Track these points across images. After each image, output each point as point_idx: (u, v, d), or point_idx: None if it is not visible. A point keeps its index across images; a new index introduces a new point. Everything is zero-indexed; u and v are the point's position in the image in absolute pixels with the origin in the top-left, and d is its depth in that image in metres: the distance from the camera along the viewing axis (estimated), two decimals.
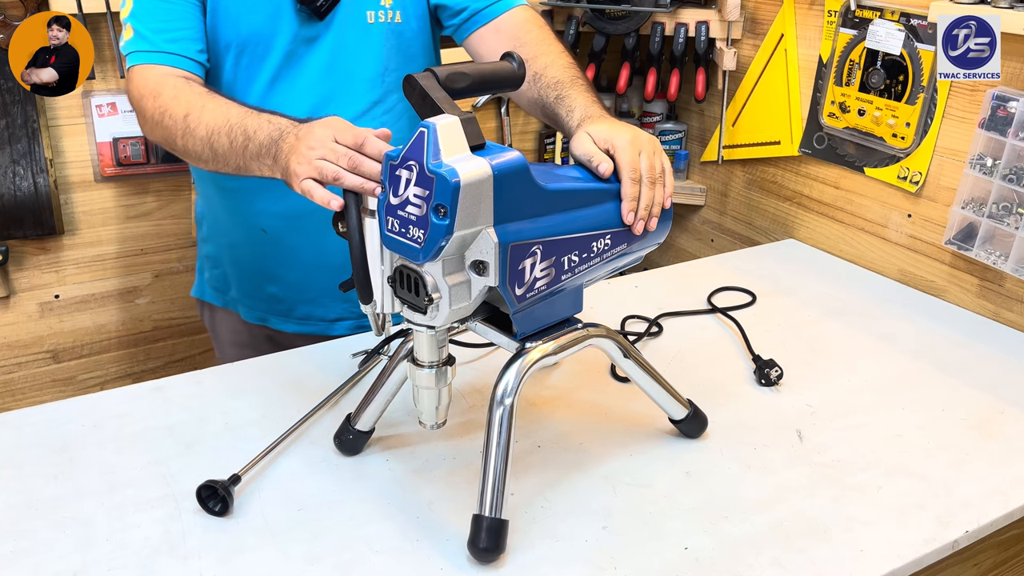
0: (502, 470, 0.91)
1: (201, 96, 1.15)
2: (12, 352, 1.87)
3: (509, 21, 1.35)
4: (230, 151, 1.08)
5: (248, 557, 0.93)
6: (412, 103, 0.90)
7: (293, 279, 1.43)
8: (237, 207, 1.40)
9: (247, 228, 1.40)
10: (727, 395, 1.27)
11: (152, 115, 1.17)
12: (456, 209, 0.82)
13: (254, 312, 1.48)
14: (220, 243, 1.48)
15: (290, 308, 1.46)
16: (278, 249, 1.40)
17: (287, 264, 1.42)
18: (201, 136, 1.11)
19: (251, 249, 1.42)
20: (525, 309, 0.93)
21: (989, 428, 1.21)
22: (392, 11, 1.33)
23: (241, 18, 1.25)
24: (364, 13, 1.30)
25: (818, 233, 1.89)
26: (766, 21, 1.92)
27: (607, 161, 1.02)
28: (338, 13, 1.28)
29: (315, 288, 1.43)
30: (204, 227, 1.51)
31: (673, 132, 2.19)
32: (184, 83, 1.18)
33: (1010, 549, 1.28)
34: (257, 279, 1.45)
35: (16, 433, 1.14)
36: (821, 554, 0.96)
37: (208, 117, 1.11)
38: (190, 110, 1.13)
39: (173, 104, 1.15)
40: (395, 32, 1.34)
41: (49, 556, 0.93)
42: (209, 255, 1.51)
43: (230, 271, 1.48)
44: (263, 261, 1.43)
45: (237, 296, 1.49)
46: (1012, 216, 1.46)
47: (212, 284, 1.52)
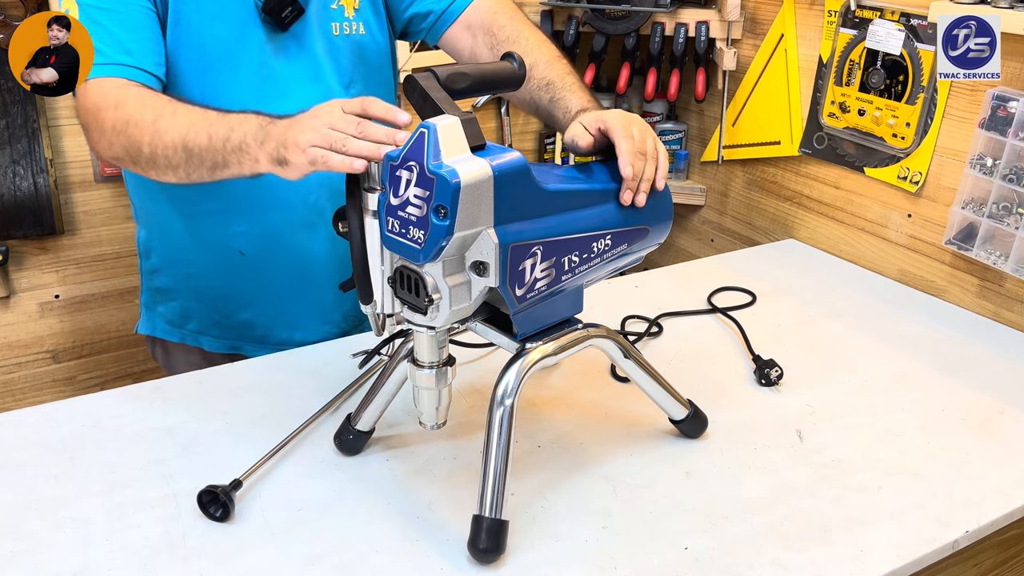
0: (502, 470, 0.91)
1: (170, 101, 1.11)
2: (12, 352, 1.87)
3: (476, 14, 1.33)
4: (208, 147, 1.04)
5: (248, 557, 0.93)
6: (412, 103, 0.90)
7: (270, 303, 1.38)
8: (207, 232, 1.33)
9: (218, 253, 1.34)
10: (727, 395, 1.27)
11: (113, 126, 1.11)
12: (456, 210, 0.82)
13: (222, 342, 1.42)
14: (178, 274, 1.39)
15: (265, 334, 1.41)
16: (255, 273, 1.35)
17: (264, 288, 1.36)
18: (173, 138, 1.06)
19: (220, 275, 1.36)
20: (525, 309, 0.93)
21: (989, 428, 1.21)
22: (356, 23, 1.31)
23: (204, 31, 1.21)
24: (329, 25, 1.29)
25: (818, 233, 1.89)
26: (766, 21, 1.92)
27: (585, 136, 1.03)
28: (305, 25, 1.26)
29: (293, 311, 1.39)
30: (153, 258, 1.42)
31: (673, 132, 2.19)
32: (148, 91, 1.13)
33: (1010, 549, 1.28)
34: (227, 307, 1.39)
35: (16, 433, 1.14)
36: (821, 554, 0.96)
37: (182, 118, 1.07)
38: (160, 114, 1.08)
39: (139, 111, 1.09)
40: (359, 44, 1.33)
41: (49, 556, 0.93)
42: (162, 287, 1.42)
43: (191, 302, 1.40)
44: (235, 287, 1.37)
45: (199, 327, 1.42)
46: (1012, 216, 1.47)
47: (166, 319, 1.44)
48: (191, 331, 1.43)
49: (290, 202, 1.29)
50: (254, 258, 1.34)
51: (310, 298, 1.39)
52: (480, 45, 1.33)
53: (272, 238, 1.32)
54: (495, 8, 1.33)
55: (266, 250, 1.33)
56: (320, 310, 1.42)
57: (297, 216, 1.31)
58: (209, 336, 1.42)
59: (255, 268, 1.34)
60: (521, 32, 1.30)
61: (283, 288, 1.37)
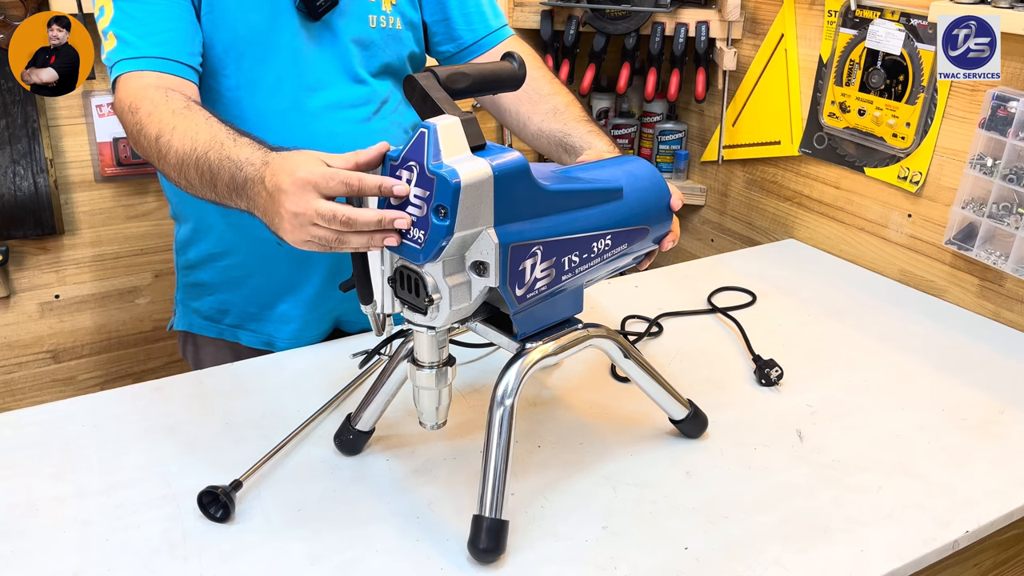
0: (502, 470, 0.91)
1: (174, 114, 1.06)
2: (12, 352, 1.87)
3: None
4: (200, 185, 1.01)
5: (248, 557, 0.93)
6: (412, 103, 0.90)
7: (307, 294, 1.39)
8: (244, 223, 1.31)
9: (256, 244, 1.34)
10: (727, 395, 1.27)
11: (132, 131, 1.10)
12: (457, 210, 0.82)
13: (257, 336, 1.43)
14: (216, 267, 1.40)
15: (301, 328, 1.41)
16: (292, 263, 1.35)
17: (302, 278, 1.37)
18: (173, 163, 1.04)
19: (259, 266, 1.37)
20: (526, 309, 0.93)
21: (989, 428, 1.21)
22: (393, 17, 1.33)
23: (239, 18, 1.22)
24: (366, 17, 1.30)
25: (818, 233, 1.89)
26: (766, 21, 1.92)
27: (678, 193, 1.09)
28: (340, 16, 1.28)
29: (331, 301, 1.40)
30: (191, 252, 1.42)
31: (673, 132, 2.19)
32: (162, 96, 1.09)
33: (1010, 549, 1.28)
34: (264, 298, 1.40)
35: (16, 433, 1.14)
36: (821, 554, 0.96)
37: (177, 142, 1.03)
38: (161, 131, 1.05)
39: (147, 122, 1.07)
40: (394, 38, 1.34)
41: (49, 556, 0.93)
42: (200, 282, 1.42)
43: (229, 295, 1.41)
44: (273, 278, 1.37)
45: (236, 321, 1.43)
46: (1012, 216, 1.47)
47: (202, 314, 1.44)
48: (228, 325, 1.44)
49: None
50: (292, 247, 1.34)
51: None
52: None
53: None
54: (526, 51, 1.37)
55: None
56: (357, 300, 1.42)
57: None
58: (246, 330, 1.43)
59: (292, 258, 1.34)
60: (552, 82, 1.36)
61: (320, 278, 1.37)
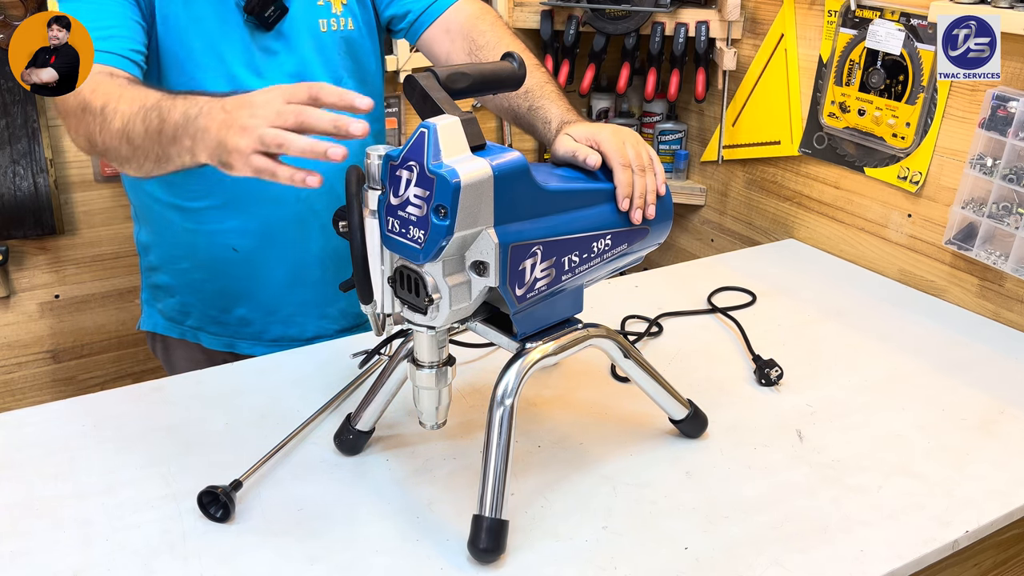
0: (502, 470, 0.91)
1: (120, 86, 1.04)
2: (12, 352, 1.87)
3: (456, 18, 1.32)
4: (145, 137, 0.96)
5: (248, 557, 0.93)
6: (412, 103, 0.90)
7: (264, 299, 1.38)
8: (201, 228, 1.32)
9: (212, 249, 1.33)
10: (727, 395, 1.27)
11: (74, 112, 1.06)
12: (456, 210, 0.82)
13: (220, 339, 1.42)
14: (175, 270, 1.40)
15: (261, 330, 1.41)
16: (249, 268, 1.35)
17: (258, 283, 1.36)
18: (117, 128, 0.99)
19: (215, 272, 1.36)
20: (525, 309, 0.93)
21: (989, 428, 1.21)
22: (344, 18, 1.31)
23: (191, 30, 1.20)
24: (316, 22, 1.29)
25: (818, 233, 1.89)
26: (766, 21, 1.92)
27: (594, 153, 1.02)
28: (292, 22, 1.26)
29: (289, 307, 1.39)
30: (152, 255, 1.42)
31: (673, 132, 2.19)
32: (106, 77, 1.07)
33: (1010, 549, 1.28)
34: (223, 302, 1.39)
35: (16, 433, 1.14)
36: (821, 554, 0.96)
37: (124, 105, 1.00)
38: (107, 101, 1.02)
39: (92, 97, 1.03)
40: (347, 39, 1.33)
41: (49, 556, 0.93)
42: (161, 284, 1.42)
43: (189, 298, 1.41)
44: (230, 283, 1.37)
45: (198, 324, 1.42)
46: (1012, 216, 1.46)
47: (166, 315, 1.44)
48: (190, 327, 1.43)
49: (282, 197, 1.29)
50: (247, 253, 1.34)
51: (305, 294, 1.39)
52: (457, 50, 1.31)
53: (264, 234, 1.32)
54: (476, 13, 1.32)
55: (259, 246, 1.33)
56: (316, 306, 1.42)
57: (289, 211, 1.31)
58: (207, 333, 1.43)
59: (248, 264, 1.34)
60: (501, 39, 1.28)
61: (277, 284, 1.37)
